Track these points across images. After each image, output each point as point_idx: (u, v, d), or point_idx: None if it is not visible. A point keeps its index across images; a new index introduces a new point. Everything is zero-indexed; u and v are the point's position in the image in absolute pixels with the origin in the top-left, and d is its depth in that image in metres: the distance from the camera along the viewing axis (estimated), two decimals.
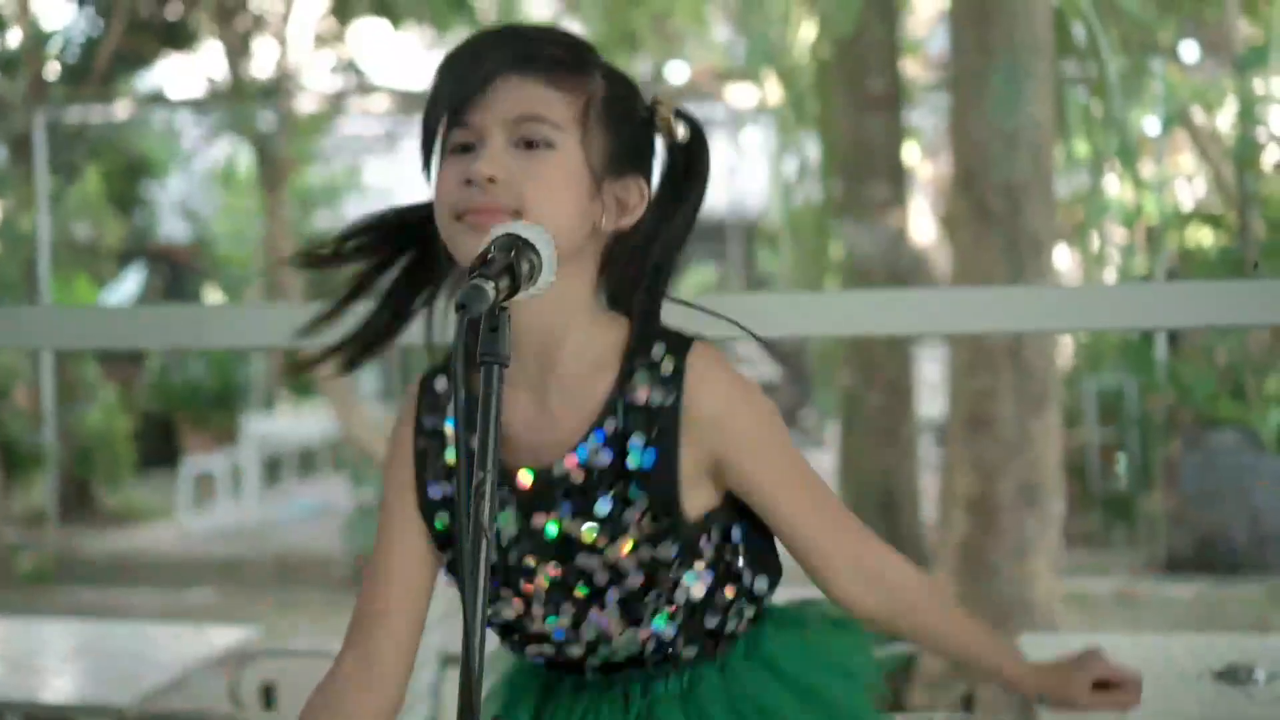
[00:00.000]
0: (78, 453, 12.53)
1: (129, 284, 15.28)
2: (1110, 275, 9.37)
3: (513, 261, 1.63)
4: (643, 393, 1.80)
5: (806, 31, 7.47)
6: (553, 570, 1.84)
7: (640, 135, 1.86)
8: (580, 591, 1.84)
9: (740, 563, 1.89)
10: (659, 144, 1.89)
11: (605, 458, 1.80)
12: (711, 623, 1.88)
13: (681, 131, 1.88)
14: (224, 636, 4.14)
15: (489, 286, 1.56)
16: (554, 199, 1.74)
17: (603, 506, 1.80)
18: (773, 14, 8.03)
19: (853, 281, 6.57)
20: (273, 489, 12.94)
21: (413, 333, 2.88)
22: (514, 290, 1.61)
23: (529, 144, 1.75)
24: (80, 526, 11.88)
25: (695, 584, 1.85)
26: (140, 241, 15.61)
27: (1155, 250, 9.93)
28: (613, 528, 1.81)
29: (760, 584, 1.91)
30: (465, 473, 1.52)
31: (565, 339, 1.82)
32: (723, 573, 1.87)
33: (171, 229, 16.32)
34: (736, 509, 1.88)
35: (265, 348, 12.21)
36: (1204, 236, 10.46)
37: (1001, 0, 5.68)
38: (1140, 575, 9.69)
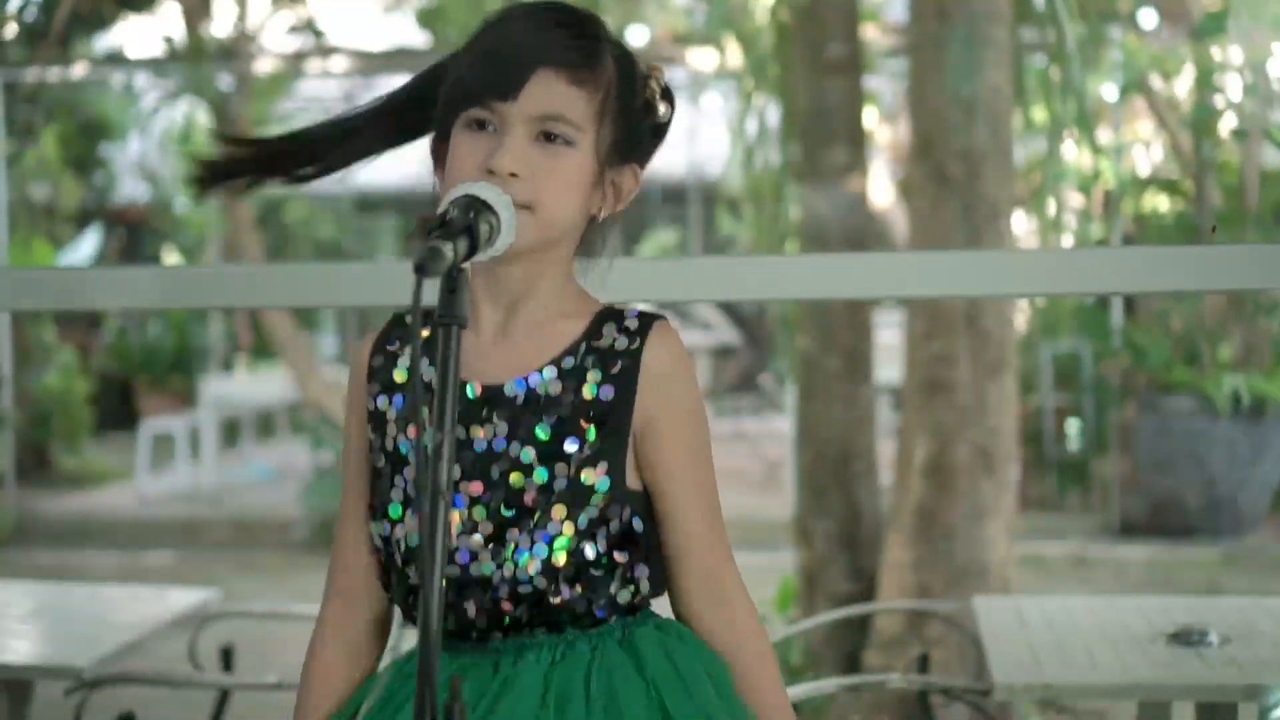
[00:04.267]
0: (35, 416, 12.46)
1: (87, 246, 15.17)
2: (1067, 241, 9.39)
3: (472, 223, 1.64)
4: (607, 340, 1.86)
5: None
6: (475, 488, 1.85)
7: (640, 123, 1.92)
8: (505, 512, 1.84)
9: (635, 542, 1.89)
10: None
11: (556, 388, 1.85)
12: (606, 583, 1.87)
13: (663, 110, 1.95)
14: (183, 598, 4.13)
15: (447, 248, 1.58)
16: (566, 196, 1.83)
17: (542, 432, 1.84)
18: None
19: (810, 246, 6.56)
20: (231, 451, 12.89)
21: (371, 294, 2.89)
22: (472, 251, 1.63)
23: (548, 137, 1.82)
24: (38, 489, 11.82)
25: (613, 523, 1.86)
26: (98, 203, 15.50)
27: (1112, 216, 9.97)
28: (549, 452, 1.84)
29: (643, 575, 1.90)
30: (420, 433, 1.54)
31: (536, 292, 1.88)
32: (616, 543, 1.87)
33: (129, 190, 16.21)
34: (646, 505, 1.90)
35: (224, 309, 12.19)
36: (1160, 202, 10.51)
37: None
38: (1094, 539, 9.75)
